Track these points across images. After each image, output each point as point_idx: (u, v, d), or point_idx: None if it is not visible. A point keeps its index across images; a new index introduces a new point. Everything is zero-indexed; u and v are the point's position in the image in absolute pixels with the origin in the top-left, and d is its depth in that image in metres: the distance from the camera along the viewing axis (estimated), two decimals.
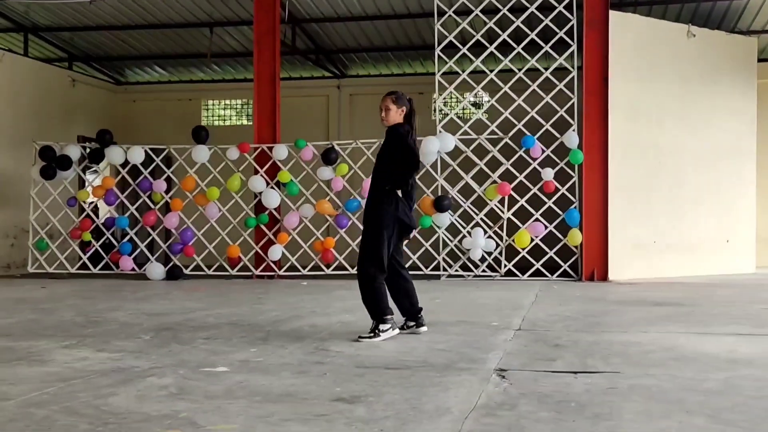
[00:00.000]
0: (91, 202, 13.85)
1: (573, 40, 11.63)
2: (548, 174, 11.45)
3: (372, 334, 5.81)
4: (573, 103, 11.59)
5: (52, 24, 14.66)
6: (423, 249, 11.99)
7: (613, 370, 4.61)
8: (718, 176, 12.36)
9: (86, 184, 13.44)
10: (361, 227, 6.16)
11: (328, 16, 13.99)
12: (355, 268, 6.10)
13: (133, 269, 12.32)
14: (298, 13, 13.81)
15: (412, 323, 6.11)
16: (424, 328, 6.11)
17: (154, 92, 17.36)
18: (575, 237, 11.40)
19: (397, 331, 5.94)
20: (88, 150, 12.67)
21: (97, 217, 13.00)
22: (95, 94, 16.41)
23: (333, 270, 12.03)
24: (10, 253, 13.40)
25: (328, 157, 11.95)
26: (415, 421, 3.46)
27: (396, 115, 5.98)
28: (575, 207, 11.53)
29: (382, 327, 5.83)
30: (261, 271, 12.14)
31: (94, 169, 13.83)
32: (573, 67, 11.67)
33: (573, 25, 11.60)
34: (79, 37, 15.32)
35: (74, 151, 12.49)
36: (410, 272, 11.50)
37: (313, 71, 16.61)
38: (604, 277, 11.42)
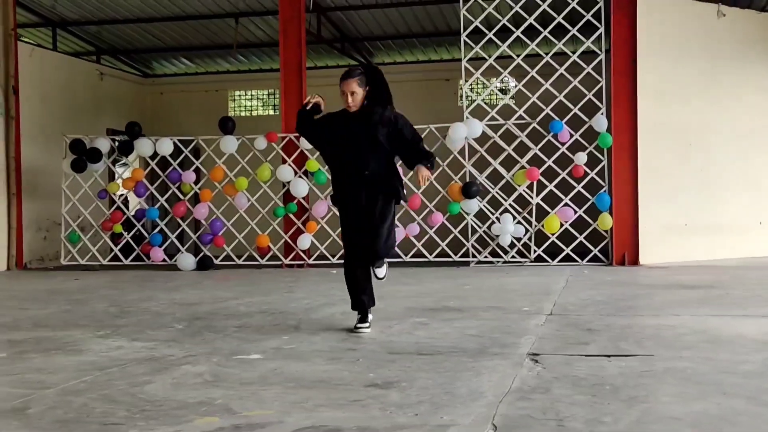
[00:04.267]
0: (122, 194, 13.98)
1: (600, 23, 11.51)
2: (580, 158, 11.36)
3: (367, 324, 5.62)
4: (601, 86, 11.49)
5: (80, 18, 14.78)
6: (452, 236, 11.96)
7: (646, 353, 4.57)
8: (750, 156, 12.19)
9: (116, 176, 13.57)
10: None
11: (352, 3, 13.97)
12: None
13: (163, 260, 12.42)
14: (322, 2, 13.80)
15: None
16: None
17: (181, 84, 17.46)
18: (605, 221, 11.31)
19: None
20: (117, 142, 12.79)
21: (128, 209, 13.11)
22: (123, 87, 16.53)
23: None
24: (43, 245, 13.57)
25: None
26: (449, 405, 3.47)
27: (361, 98, 5.60)
28: (605, 191, 11.43)
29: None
30: (290, 260, 12.19)
31: (123, 161, 13.96)
32: (601, 50, 11.56)
33: (600, 7, 11.49)
34: (106, 30, 15.43)
35: (104, 144, 12.61)
36: (439, 259, 11.41)
37: (338, 60, 16.59)
38: (634, 261, 11.33)
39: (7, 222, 12.62)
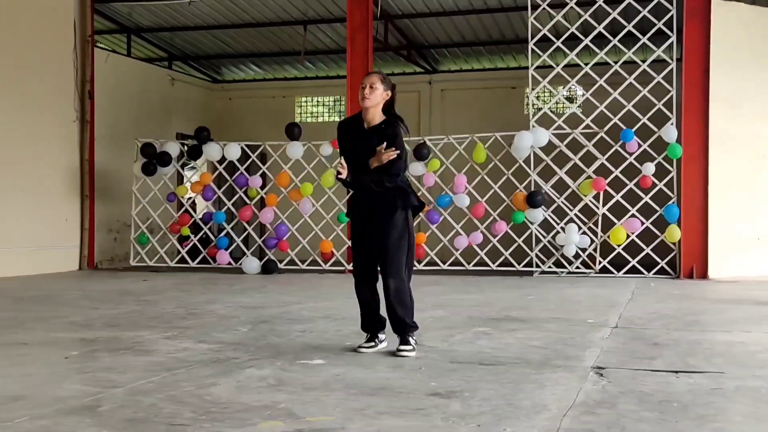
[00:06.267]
0: (190, 198, 14.24)
1: (672, 31, 11.30)
2: (649, 169, 11.17)
3: (412, 347, 5.10)
4: (671, 96, 11.27)
5: (153, 25, 15.15)
6: (515, 245, 11.87)
7: (716, 371, 4.46)
8: None
9: (185, 179, 13.84)
10: (453, 222, 5.99)
11: (420, 11, 14.00)
12: (447, 264, 5.96)
13: (229, 263, 12.62)
14: (390, 9, 13.86)
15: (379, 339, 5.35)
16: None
17: (250, 90, 17.73)
18: (673, 233, 11.08)
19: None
20: (186, 147, 13.05)
21: (195, 212, 13.35)
22: (193, 92, 16.87)
23: (424, 265, 12.04)
24: (113, 246, 13.92)
25: (420, 152, 11.95)
26: (512, 417, 3.44)
27: (380, 97, 5.18)
28: (674, 202, 11.21)
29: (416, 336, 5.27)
30: None
31: (192, 165, 14.24)
32: (672, 59, 11.34)
33: (672, 15, 11.28)
34: (178, 37, 15.79)
35: (173, 148, 12.88)
36: (502, 268, 11.23)
37: (404, 67, 16.64)
38: (703, 274, 11.07)
39: (80, 223, 12.98)
